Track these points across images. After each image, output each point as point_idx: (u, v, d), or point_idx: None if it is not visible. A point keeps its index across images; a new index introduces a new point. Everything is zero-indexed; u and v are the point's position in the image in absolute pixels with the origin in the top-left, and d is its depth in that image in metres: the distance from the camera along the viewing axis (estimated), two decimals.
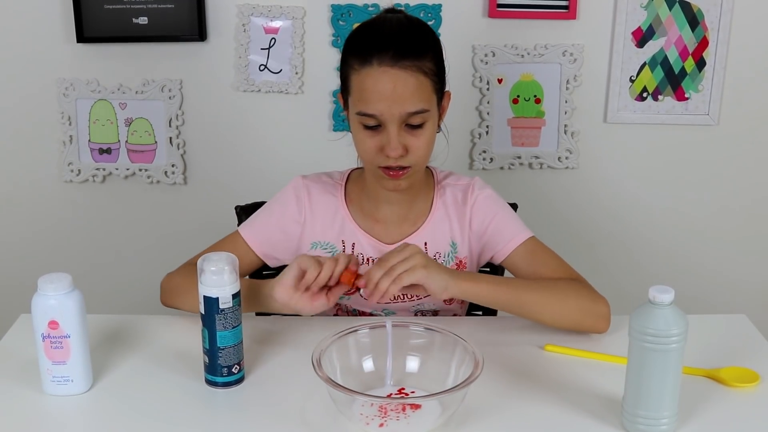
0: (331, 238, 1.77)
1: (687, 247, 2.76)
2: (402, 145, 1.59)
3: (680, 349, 1.29)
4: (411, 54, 1.57)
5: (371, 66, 1.56)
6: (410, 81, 1.56)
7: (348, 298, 1.78)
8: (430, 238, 1.76)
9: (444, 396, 1.31)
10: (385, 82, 1.56)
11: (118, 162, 2.67)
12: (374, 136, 1.61)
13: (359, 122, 1.61)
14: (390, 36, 1.60)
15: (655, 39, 2.53)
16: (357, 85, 1.59)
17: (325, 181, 1.81)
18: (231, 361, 1.45)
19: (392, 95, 1.56)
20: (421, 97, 1.58)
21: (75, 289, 1.42)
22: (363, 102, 1.59)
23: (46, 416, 1.41)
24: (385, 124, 1.58)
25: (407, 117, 1.58)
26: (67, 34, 2.56)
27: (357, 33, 1.66)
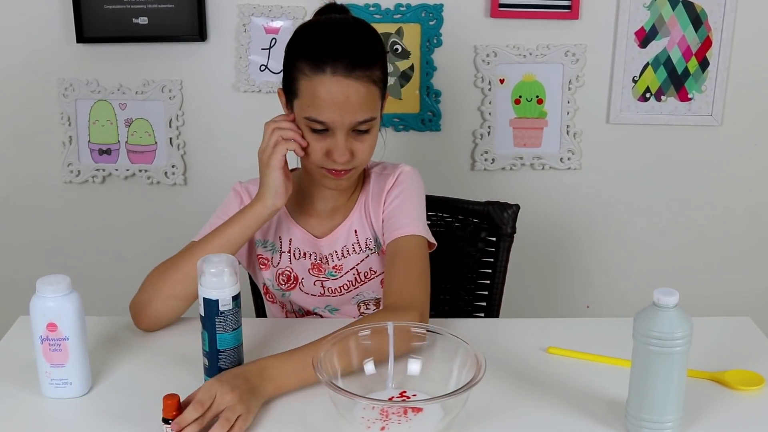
0: (270, 236, 1.81)
1: (690, 249, 2.75)
2: (349, 151, 1.62)
3: (685, 352, 1.27)
4: (364, 64, 1.58)
5: (324, 74, 1.57)
6: (362, 91, 1.58)
7: (289, 294, 1.81)
8: (359, 226, 1.78)
9: (446, 399, 1.30)
10: (337, 93, 1.57)
11: (118, 163, 2.66)
12: (321, 139, 1.62)
13: (306, 125, 1.62)
14: (343, 44, 1.60)
15: (658, 39, 2.53)
16: (308, 91, 1.59)
17: None
18: (231, 364, 1.44)
19: (344, 105, 1.58)
20: (370, 106, 1.61)
21: (73, 291, 1.41)
22: (314, 108, 1.59)
23: (44, 419, 1.40)
24: (334, 130, 1.60)
25: (356, 125, 1.60)
26: (67, 34, 2.55)
27: (307, 33, 1.65)
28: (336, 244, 1.78)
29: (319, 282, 1.80)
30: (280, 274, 1.81)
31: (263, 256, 1.82)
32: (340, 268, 1.78)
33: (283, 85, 1.69)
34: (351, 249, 1.78)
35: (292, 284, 1.80)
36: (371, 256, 1.79)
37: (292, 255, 1.80)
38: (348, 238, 1.78)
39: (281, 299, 1.84)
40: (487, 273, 2.01)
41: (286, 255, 1.80)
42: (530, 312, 2.63)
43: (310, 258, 1.79)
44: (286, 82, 1.67)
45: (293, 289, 1.81)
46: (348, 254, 1.78)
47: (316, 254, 1.79)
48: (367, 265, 1.79)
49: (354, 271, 1.79)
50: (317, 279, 1.79)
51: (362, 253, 1.78)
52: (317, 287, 1.80)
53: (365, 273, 1.79)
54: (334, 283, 1.79)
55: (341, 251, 1.78)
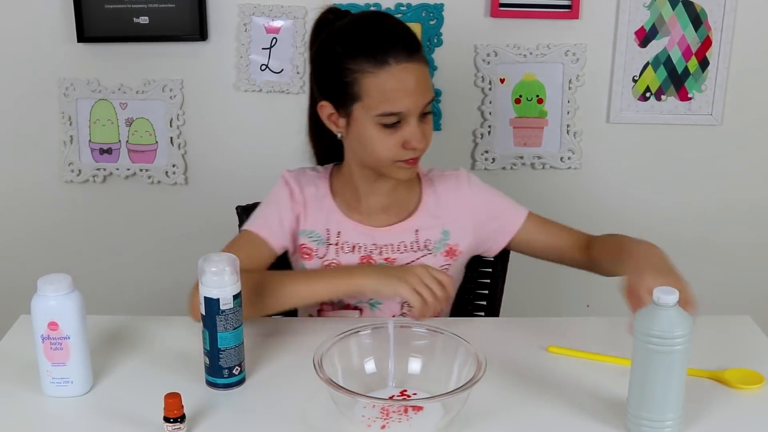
0: (317, 226, 1.80)
1: (690, 248, 2.75)
2: (423, 135, 1.64)
3: (685, 351, 1.28)
4: (415, 46, 1.62)
5: (389, 65, 1.58)
6: (424, 71, 1.62)
7: None
8: (422, 226, 1.79)
9: (446, 398, 1.30)
10: (408, 78, 1.59)
11: (119, 162, 2.66)
12: (394, 133, 1.62)
13: (378, 123, 1.62)
14: (390, 33, 1.63)
15: (658, 39, 2.53)
16: (376, 88, 1.59)
17: (310, 173, 1.86)
18: (232, 363, 1.44)
19: (416, 89, 1.60)
20: (431, 85, 1.65)
21: (75, 290, 1.41)
22: (387, 102, 1.59)
23: (45, 418, 1.40)
24: (407, 118, 1.61)
25: (426, 106, 1.63)
26: (68, 33, 2.55)
27: (350, 37, 1.64)
28: (393, 237, 1.78)
29: None
30: (325, 266, 1.79)
31: (307, 245, 1.79)
32: (393, 261, 1.78)
33: (330, 95, 1.67)
34: (408, 246, 1.78)
35: None
36: (427, 256, 1.79)
37: (340, 248, 1.78)
38: (407, 235, 1.78)
39: None
40: (487, 272, 2.01)
41: (333, 248, 1.78)
42: (531, 311, 2.63)
43: (359, 251, 1.78)
44: (336, 91, 1.65)
45: None
46: (404, 250, 1.78)
47: (366, 246, 1.77)
48: None
49: None
50: None
51: (418, 252, 1.78)
52: None
53: None
54: None
55: (397, 246, 1.78)
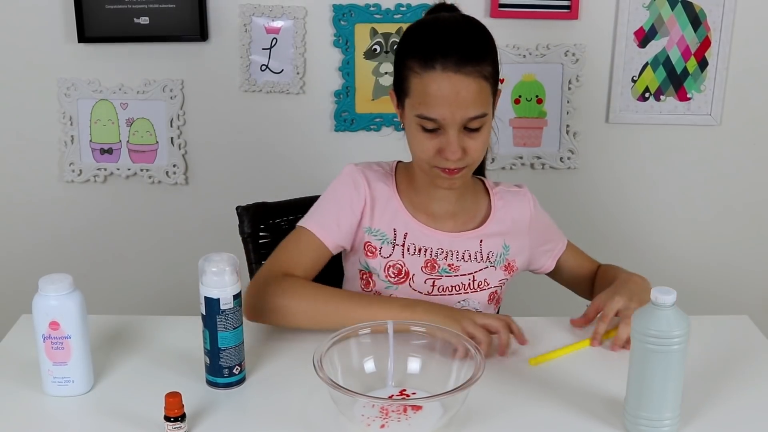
0: (383, 226, 1.76)
1: (689, 248, 2.76)
2: (461, 148, 1.60)
3: (682, 351, 1.28)
4: (473, 59, 1.57)
5: (434, 71, 1.56)
6: (472, 87, 1.57)
7: (396, 288, 1.77)
8: (486, 238, 1.78)
9: (445, 397, 1.31)
10: (448, 88, 1.56)
11: (120, 162, 2.67)
12: (433, 138, 1.61)
13: (418, 124, 1.61)
14: (452, 40, 1.60)
15: (657, 39, 2.53)
16: (418, 89, 1.59)
17: (376, 169, 1.81)
18: (232, 362, 1.45)
19: (455, 101, 1.56)
20: (481, 102, 1.59)
21: (76, 290, 1.41)
22: (425, 106, 1.58)
23: (46, 417, 1.41)
24: (446, 128, 1.59)
25: (467, 121, 1.59)
26: (69, 34, 2.56)
27: (416, 33, 1.65)
28: (458, 244, 1.77)
29: (431, 280, 1.76)
30: (390, 267, 1.76)
31: (371, 243, 1.76)
32: (457, 268, 1.77)
33: (395, 85, 1.68)
34: (472, 256, 1.77)
35: (402, 278, 1.76)
36: (489, 269, 1.79)
37: (405, 249, 1.76)
38: (472, 244, 1.77)
39: (383, 291, 1.78)
40: None
41: (399, 248, 1.76)
42: (530, 311, 2.64)
43: (425, 254, 1.76)
44: (397, 82, 1.66)
45: (403, 284, 1.77)
46: (468, 259, 1.77)
47: (432, 250, 1.76)
48: (483, 275, 1.78)
49: (470, 277, 1.78)
50: (429, 277, 1.76)
51: (481, 263, 1.78)
52: (428, 285, 1.77)
53: (479, 283, 1.78)
54: (447, 281, 1.77)
55: (462, 253, 1.77)
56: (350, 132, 2.63)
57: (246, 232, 1.98)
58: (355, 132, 2.62)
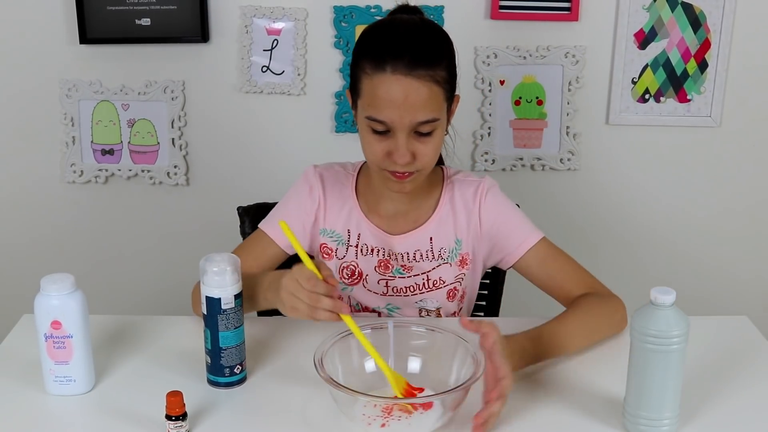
0: (338, 227, 1.78)
1: (689, 249, 2.76)
2: (410, 152, 1.58)
3: (681, 351, 1.29)
4: (425, 62, 1.54)
5: (384, 72, 1.54)
6: (422, 90, 1.54)
7: (351, 289, 1.79)
8: (435, 234, 1.76)
9: (446, 396, 1.31)
10: (397, 91, 1.53)
11: (121, 163, 2.67)
12: (382, 140, 1.59)
13: (368, 125, 1.59)
14: (405, 41, 1.57)
15: (657, 41, 2.54)
16: (368, 90, 1.57)
17: (338, 170, 1.82)
18: (233, 362, 1.45)
19: (404, 104, 1.54)
20: (432, 107, 1.56)
21: (77, 290, 1.42)
22: (373, 108, 1.56)
23: (48, 416, 1.41)
24: (394, 131, 1.57)
25: (417, 126, 1.56)
26: (70, 35, 2.56)
27: (371, 34, 1.63)
28: (408, 245, 1.76)
29: (384, 281, 1.77)
30: (344, 268, 1.78)
31: (327, 245, 1.78)
32: (410, 269, 1.76)
33: (350, 85, 1.67)
34: (424, 255, 1.76)
35: (356, 279, 1.78)
36: (443, 265, 1.77)
37: (359, 250, 1.77)
38: (422, 243, 1.76)
39: (341, 293, 1.80)
40: (487, 272, 2.02)
41: (353, 249, 1.77)
42: (530, 311, 2.64)
43: (378, 254, 1.76)
44: (351, 82, 1.65)
45: (356, 285, 1.78)
46: (420, 259, 1.76)
47: (384, 250, 1.76)
48: (437, 273, 1.77)
49: (424, 276, 1.77)
50: (383, 278, 1.77)
51: (434, 261, 1.76)
52: (381, 286, 1.78)
53: (434, 281, 1.77)
54: (400, 282, 1.77)
55: (413, 254, 1.76)
56: (351, 133, 2.63)
57: (247, 232, 1.98)
58: (356, 133, 2.61)
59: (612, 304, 1.66)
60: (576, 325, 1.60)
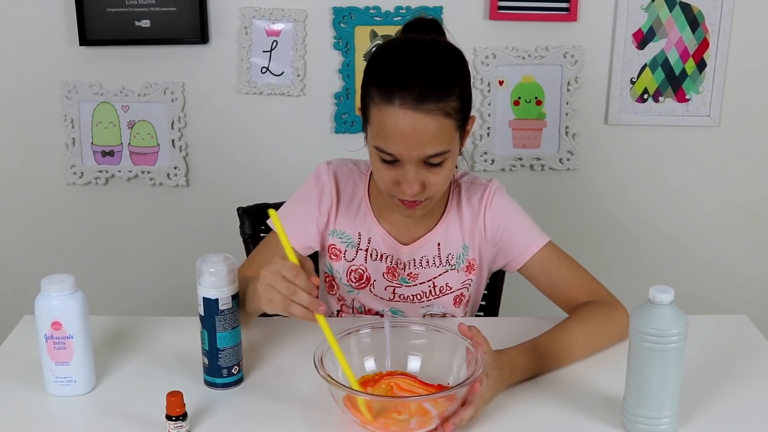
0: (349, 228, 1.74)
1: (688, 248, 2.77)
2: (419, 183, 1.54)
3: (680, 349, 1.29)
4: (435, 95, 1.48)
5: (392, 105, 1.48)
6: (431, 125, 1.48)
7: (357, 293, 1.78)
8: (443, 240, 1.74)
9: (444, 395, 1.31)
10: (405, 126, 1.48)
11: (121, 164, 2.68)
12: (391, 169, 1.55)
13: (377, 154, 1.55)
14: (414, 71, 1.50)
15: (655, 41, 2.54)
16: (376, 120, 1.52)
17: (351, 168, 1.78)
18: (230, 363, 1.45)
19: (411, 138, 1.49)
20: (441, 140, 1.51)
21: (78, 290, 1.42)
22: (381, 139, 1.51)
23: (49, 417, 1.41)
24: (403, 162, 1.53)
25: (426, 158, 1.53)
26: (70, 37, 2.57)
27: (380, 60, 1.57)
28: (417, 252, 1.73)
29: (391, 287, 1.75)
30: (352, 271, 1.76)
31: (336, 246, 1.75)
32: (416, 276, 1.74)
33: (361, 107, 1.60)
34: (431, 261, 1.74)
35: (363, 284, 1.76)
36: (450, 272, 1.75)
37: (368, 254, 1.74)
38: (430, 250, 1.73)
39: (346, 295, 1.78)
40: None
41: (362, 253, 1.74)
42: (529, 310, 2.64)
43: (386, 261, 1.74)
44: (362, 106, 1.59)
45: (363, 289, 1.76)
46: (427, 266, 1.74)
47: (393, 258, 1.74)
48: (444, 280, 1.75)
49: (430, 283, 1.75)
50: (390, 284, 1.75)
51: (441, 268, 1.74)
52: (388, 292, 1.76)
53: (441, 288, 1.75)
54: (406, 291, 1.76)
55: (420, 260, 1.73)
56: (350, 134, 2.63)
57: (247, 233, 1.99)
58: (356, 134, 2.63)
59: (615, 316, 1.63)
60: (575, 337, 1.57)
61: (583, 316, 1.62)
